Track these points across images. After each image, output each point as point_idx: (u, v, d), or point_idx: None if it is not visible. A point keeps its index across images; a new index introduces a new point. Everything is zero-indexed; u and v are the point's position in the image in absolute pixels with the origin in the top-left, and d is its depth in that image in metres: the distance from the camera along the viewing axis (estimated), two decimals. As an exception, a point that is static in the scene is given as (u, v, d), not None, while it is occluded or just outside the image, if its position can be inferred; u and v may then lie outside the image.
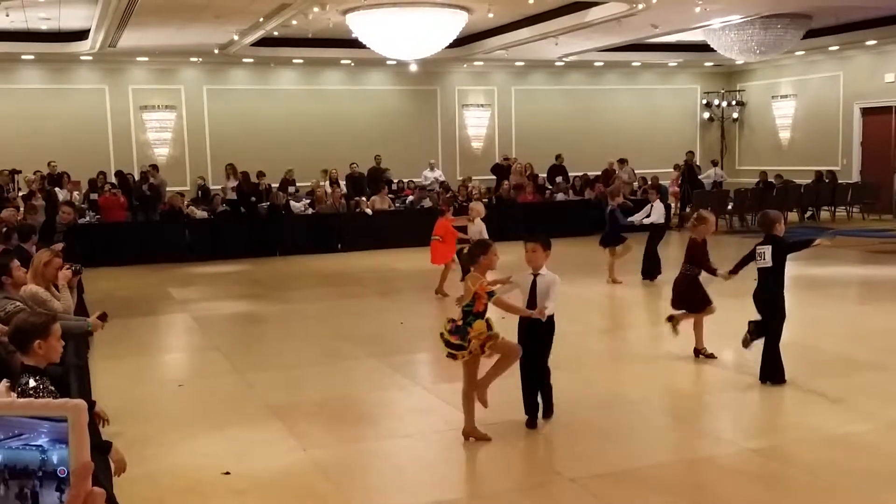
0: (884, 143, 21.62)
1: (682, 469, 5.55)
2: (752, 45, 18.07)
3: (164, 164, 20.62)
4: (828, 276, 12.99)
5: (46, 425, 1.13)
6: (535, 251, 6.05)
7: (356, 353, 8.90)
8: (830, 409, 6.56)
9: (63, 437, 1.12)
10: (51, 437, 1.13)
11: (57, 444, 1.12)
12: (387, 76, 22.87)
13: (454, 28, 16.16)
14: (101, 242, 16.11)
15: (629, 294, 11.80)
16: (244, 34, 17.29)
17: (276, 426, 6.45)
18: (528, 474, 5.53)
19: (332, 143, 21.75)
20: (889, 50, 21.10)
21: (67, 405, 1.13)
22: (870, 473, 5.29)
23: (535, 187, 20.45)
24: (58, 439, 1.12)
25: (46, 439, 1.13)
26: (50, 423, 1.13)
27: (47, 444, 1.13)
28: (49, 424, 1.13)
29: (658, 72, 25.34)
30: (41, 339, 3.61)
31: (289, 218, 18.02)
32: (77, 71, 20.43)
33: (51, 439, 1.12)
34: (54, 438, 1.12)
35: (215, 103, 21.53)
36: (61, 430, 1.13)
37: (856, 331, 9.14)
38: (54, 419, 1.13)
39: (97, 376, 7.52)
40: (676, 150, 23.71)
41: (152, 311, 11.75)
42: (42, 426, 1.13)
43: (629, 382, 7.18)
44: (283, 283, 14.12)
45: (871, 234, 18.05)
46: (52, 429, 1.13)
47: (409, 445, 6.05)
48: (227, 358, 8.75)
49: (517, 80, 24.30)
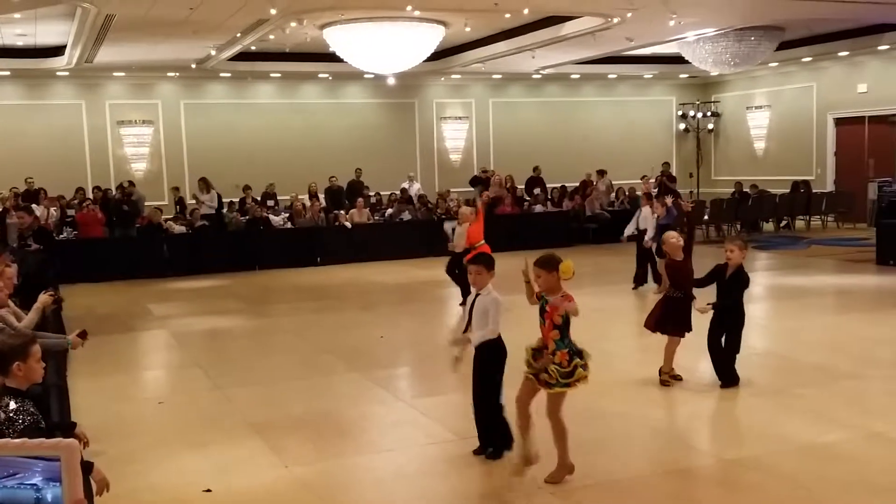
0: (857, 152, 21.89)
1: (662, 480, 5.59)
2: (726, 56, 18.27)
3: (141, 179, 20.56)
4: (804, 285, 13.12)
5: (40, 464, 1.15)
6: (480, 273, 5.67)
7: (337, 367, 8.89)
8: (808, 418, 6.63)
9: (56, 476, 1.14)
10: (45, 475, 1.15)
11: (51, 483, 1.14)
12: (365, 90, 22.92)
13: (431, 42, 16.24)
14: (79, 259, 16.01)
15: (610, 305, 11.85)
16: (221, 49, 17.29)
17: (258, 442, 6.44)
18: (509, 487, 5.55)
19: (310, 156, 21.76)
20: (861, 61, 21.41)
21: (60, 445, 1.15)
22: (848, 483, 5.35)
23: (513, 199, 20.54)
24: (51, 478, 1.14)
25: (40, 478, 1.14)
26: (44, 461, 1.14)
27: (41, 483, 1.14)
28: (43, 463, 1.15)
29: (634, 84, 25.55)
30: (20, 361, 3.59)
31: (268, 232, 17.99)
32: (53, 86, 20.33)
33: (45, 478, 1.14)
34: (48, 477, 1.14)
35: (193, 118, 21.49)
36: (55, 468, 1.15)
37: (833, 340, 9.24)
38: (48, 458, 1.14)
39: (77, 394, 7.48)
40: (653, 161, 23.89)
41: (131, 327, 11.68)
42: (36, 465, 1.15)
43: (608, 395, 7.22)
44: (263, 297, 14.08)
45: (845, 243, 18.26)
46: (45, 468, 1.15)
47: (391, 459, 6.06)
48: (207, 374, 8.72)
49: (495, 93, 24.43)
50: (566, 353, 5.24)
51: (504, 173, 21.50)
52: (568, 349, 5.26)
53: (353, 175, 21.02)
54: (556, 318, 5.21)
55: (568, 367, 5.22)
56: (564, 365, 5.22)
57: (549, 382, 5.25)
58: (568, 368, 5.22)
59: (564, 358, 5.23)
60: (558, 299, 5.23)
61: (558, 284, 5.29)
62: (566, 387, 5.26)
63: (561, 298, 5.23)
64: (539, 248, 14.85)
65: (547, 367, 5.23)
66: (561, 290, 5.29)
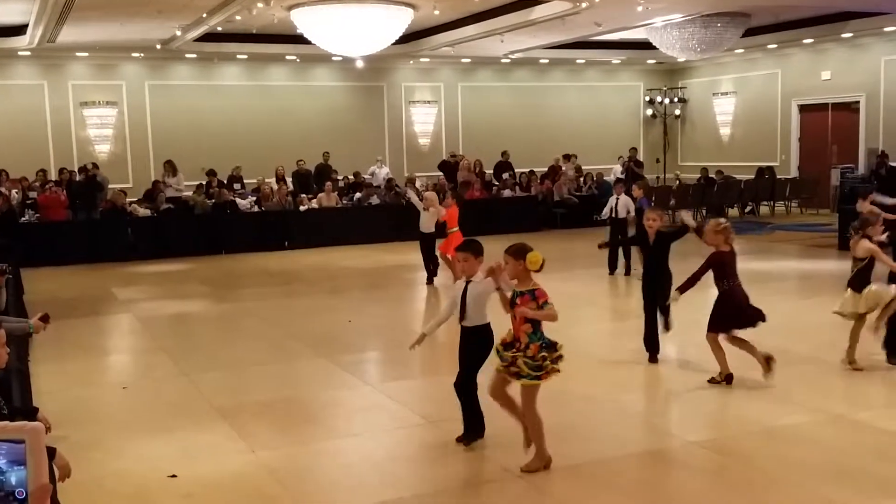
0: (821, 139, 22.15)
1: (631, 464, 5.64)
2: (692, 43, 18.36)
3: (105, 160, 20.25)
4: (767, 270, 13.28)
5: (4, 447, 1.13)
6: (467, 260, 5.63)
7: (304, 352, 8.86)
8: (771, 402, 6.72)
9: (20, 459, 1.12)
10: (8, 458, 1.12)
11: (14, 466, 1.12)
12: (333, 72, 22.75)
13: (400, 25, 16.13)
14: (42, 242, 15.79)
15: (579, 290, 11.90)
16: (187, 29, 17.04)
17: (224, 428, 6.40)
18: (477, 472, 5.57)
19: (278, 139, 21.57)
20: (826, 48, 21.63)
21: (25, 428, 1.14)
22: (811, 465, 5.44)
23: (482, 183, 20.54)
24: (15, 461, 1.12)
25: (4, 461, 1.12)
26: (8, 444, 1.12)
27: (5, 466, 1.12)
28: (7, 446, 1.13)
29: (602, 69, 25.61)
30: (-18, 346, 3.54)
31: (235, 215, 17.84)
32: (15, 67, 19.94)
33: (8, 461, 1.12)
34: (12, 460, 1.12)
35: (158, 99, 21.19)
36: (19, 451, 1.12)
37: (794, 325, 9.36)
38: (12, 441, 1.12)
39: (39, 379, 7.39)
40: (621, 146, 24.03)
41: (95, 311, 11.55)
42: (0, 448, 1.13)
43: (577, 379, 7.27)
44: (230, 281, 13.98)
45: (808, 229, 18.50)
46: (9, 450, 1.13)
47: (358, 444, 6.05)
48: (173, 359, 8.65)
49: (464, 77, 24.37)
50: (538, 346, 5.25)
51: (473, 158, 21.49)
52: (540, 342, 5.27)
53: (321, 159, 20.90)
54: (529, 313, 5.20)
55: (538, 360, 5.22)
56: (536, 358, 5.23)
57: (520, 374, 5.25)
58: (538, 362, 5.23)
59: (536, 350, 5.23)
60: (528, 307, 5.18)
61: (526, 274, 5.28)
62: (537, 379, 5.26)
63: (533, 303, 5.19)
64: (507, 233, 14.96)
65: (516, 360, 5.23)
66: (531, 282, 5.29)
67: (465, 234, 8.28)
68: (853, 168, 20.21)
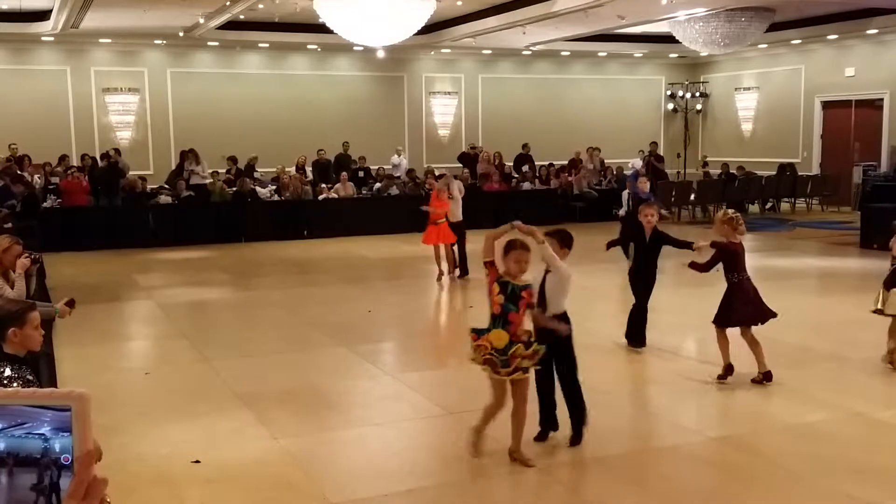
0: (843, 136, 21.98)
1: (647, 458, 5.65)
2: (716, 37, 18.23)
3: (126, 147, 20.36)
4: (787, 267, 13.22)
5: (49, 414, 1.15)
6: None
7: (324, 341, 8.91)
8: (792, 399, 6.71)
9: (65, 426, 1.14)
10: (53, 425, 1.14)
11: (59, 433, 1.14)
12: (354, 62, 22.77)
13: (423, 15, 16.10)
14: (63, 227, 15.91)
15: (596, 283, 11.88)
16: (210, 17, 17.10)
17: (246, 414, 6.45)
18: (497, 462, 5.59)
19: (298, 128, 21.61)
20: (850, 44, 21.45)
21: (72, 395, 1.15)
22: (829, 462, 5.44)
23: (501, 176, 20.53)
24: (60, 428, 1.14)
25: (49, 428, 1.14)
26: (53, 412, 1.15)
27: (50, 433, 1.14)
28: (52, 413, 1.15)
29: (624, 62, 25.51)
30: (16, 328, 3.58)
31: (255, 204, 17.92)
32: (38, 52, 20.07)
33: (53, 428, 1.14)
34: (57, 427, 1.14)
35: (179, 87, 21.28)
36: (64, 418, 1.14)
37: (815, 322, 9.34)
38: (57, 408, 1.15)
39: (62, 364, 7.47)
40: (641, 140, 23.91)
41: (117, 297, 11.64)
42: (45, 415, 1.15)
43: (595, 373, 7.27)
44: (249, 269, 14.05)
45: (829, 226, 18.39)
46: (54, 418, 1.15)
47: (380, 434, 6.09)
48: (194, 345, 8.72)
49: (484, 69, 24.32)
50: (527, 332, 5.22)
51: (493, 150, 21.47)
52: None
53: (341, 148, 20.94)
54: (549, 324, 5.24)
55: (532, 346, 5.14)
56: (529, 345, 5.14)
57: (524, 368, 5.16)
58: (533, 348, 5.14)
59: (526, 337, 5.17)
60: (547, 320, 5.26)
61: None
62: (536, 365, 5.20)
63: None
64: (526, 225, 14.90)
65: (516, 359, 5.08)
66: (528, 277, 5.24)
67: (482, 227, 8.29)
68: (876, 166, 20.07)
